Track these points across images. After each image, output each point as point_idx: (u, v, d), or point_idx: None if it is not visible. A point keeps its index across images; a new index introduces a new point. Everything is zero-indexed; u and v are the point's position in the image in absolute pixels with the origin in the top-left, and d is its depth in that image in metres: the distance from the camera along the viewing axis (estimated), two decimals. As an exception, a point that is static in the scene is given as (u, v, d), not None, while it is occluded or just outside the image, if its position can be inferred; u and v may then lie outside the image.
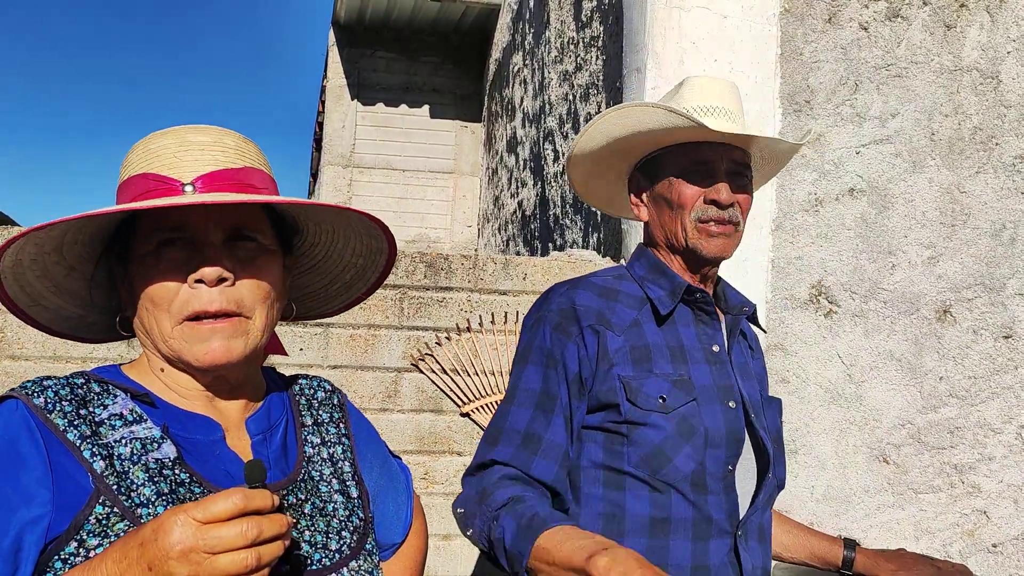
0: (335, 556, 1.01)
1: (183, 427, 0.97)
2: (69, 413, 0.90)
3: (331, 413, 1.16)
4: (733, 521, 1.42)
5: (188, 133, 0.99)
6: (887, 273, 2.51)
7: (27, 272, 0.97)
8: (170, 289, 0.95)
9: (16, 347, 2.29)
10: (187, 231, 0.96)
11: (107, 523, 0.86)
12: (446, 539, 2.59)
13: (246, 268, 0.97)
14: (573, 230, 3.60)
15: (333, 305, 1.22)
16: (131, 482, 0.89)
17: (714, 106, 1.47)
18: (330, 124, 7.32)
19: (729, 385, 1.48)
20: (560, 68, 4.00)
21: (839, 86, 2.52)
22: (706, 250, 1.47)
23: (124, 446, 0.91)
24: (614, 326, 1.44)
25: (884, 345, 2.50)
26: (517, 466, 1.37)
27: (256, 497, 0.80)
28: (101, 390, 0.95)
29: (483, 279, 2.62)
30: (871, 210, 2.51)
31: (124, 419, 0.93)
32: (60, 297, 1.03)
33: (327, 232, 1.12)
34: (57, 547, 0.85)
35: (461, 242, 7.33)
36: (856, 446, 2.49)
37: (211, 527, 0.77)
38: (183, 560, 0.77)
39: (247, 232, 0.99)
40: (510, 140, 5.62)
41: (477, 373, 2.59)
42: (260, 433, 1.04)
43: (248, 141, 1.04)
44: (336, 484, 1.08)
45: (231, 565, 0.77)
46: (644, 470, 1.38)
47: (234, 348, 0.96)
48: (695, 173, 1.47)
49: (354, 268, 1.16)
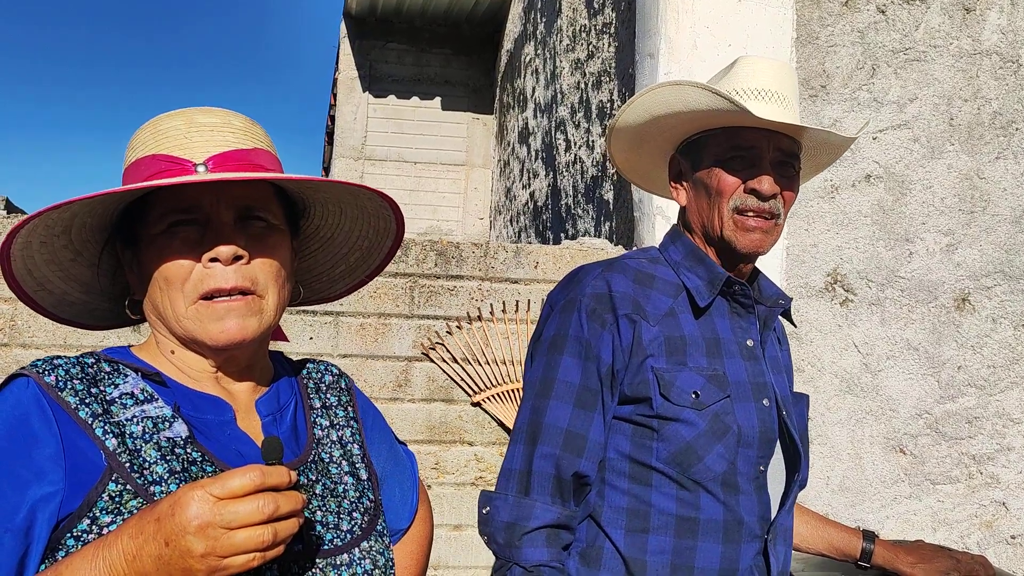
0: (347, 536, 1.00)
1: (194, 407, 0.97)
2: (80, 391, 0.90)
3: (339, 397, 1.15)
4: (764, 524, 1.37)
5: (196, 115, 0.99)
6: (904, 261, 2.47)
7: (36, 255, 0.97)
8: (184, 268, 0.94)
9: (27, 335, 2.29)
10: (199, 211, 0.96)
11: (120, 500, 0.86)
12: (457, 529, 2.58)
13: (258, 247, 0.97)
14: (585, 219, 3.57)
15: (336, 289, 1.20)
16: (143, 460, 0.89)
17: (765, 89, 1.39)
18: (342, 117, 7.32)
19: (763, 382, 1.42)
20: (572, 56, 3.97)
21: (856, 70, 2.48)
22: (740, 244, 1.39)
23: (136, 424, 0.91)
24: (649, 315, 1.37)
25: (901, 334, 2.46)
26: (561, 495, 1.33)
27: (273, 474, 0.80)
28: (112, 369, 0.95)
29: (494, 267, 2.59)
30: (888, 197, 2.48)
31: (135, 398, 0.93)
32: (66, 282, 1.03)
33: (334, 213, 1.11)
34: (70, 524, 0.85)
35: (473, 234, 7.32)
36: (872, 436, 2.46)
37: (228, 503, 0.77)
38: (200, 535, 0.77)
39: (258, 212, 0.98)
40: (522, 131, 5.59)
41: (488, 362, 2.57)
42: (270, 414, 1.04)
43: (255, 123, 1.03)
44: (346, 466, 1.07)
45: (247, 541, 0.78)
46: (673, 467, 1.33)
47: (248, 326, 0.96)
48: (738, 160, 1.39)
49: (359, 251, 1.15)
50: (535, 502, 1.33)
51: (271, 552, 0.80)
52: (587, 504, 1.38)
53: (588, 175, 3.56)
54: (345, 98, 7.35)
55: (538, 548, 1.31)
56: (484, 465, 2.58)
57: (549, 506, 1.33)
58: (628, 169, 1.66)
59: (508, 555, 1.31)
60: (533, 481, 1.34)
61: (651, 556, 1.33)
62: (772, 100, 1.39)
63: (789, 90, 1.42)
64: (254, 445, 0.98)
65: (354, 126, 7.34)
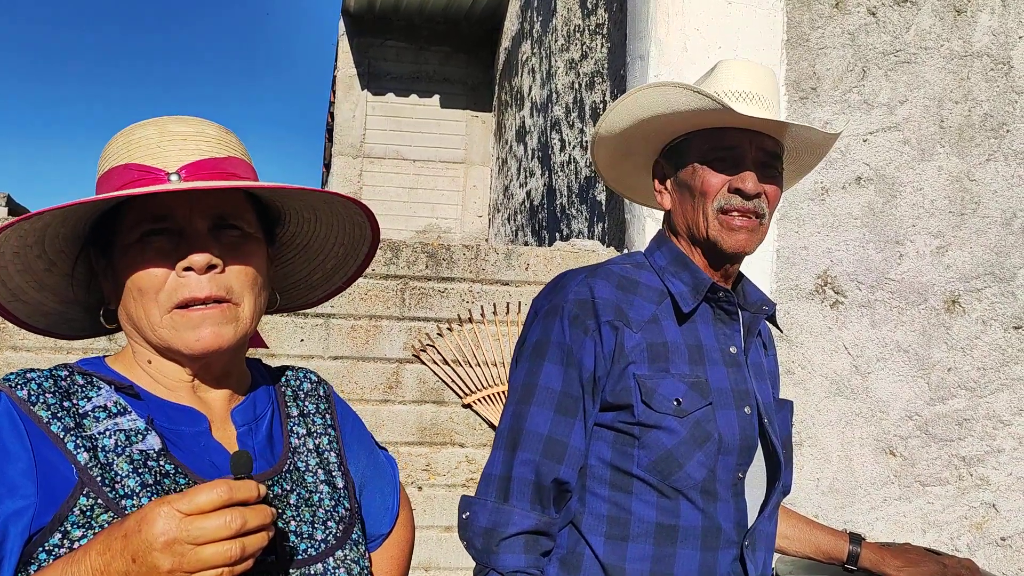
0: (321, 546, 1.00)
1: (168, 419, 0.97)
2: (53, 405, 0.90)
3: (317, 404, 1.15)
4: (741, 530, 1.37)
5: (169, 124, 0.99)
6: (894, 263, 2.47)
7: (8, 266, 0.97)
8: (158, 278, 0.94)
9: (17, 338, 2.30)
10: (172, 220, 0.96)
11: (91, 515, 0.86)
12: (448, 530, 2.59)
13: (233, 255, 0.97)
14: (579, 220, 3.57)
15: (314, 295, 1.20)
16: (115, 474, 0.89)
17: (746, 91, 1.39)
18: (340, 114, 7.31)
19: (745, 390, 1.41)
20: (567, 56, 3.97)
21: (846, 72, 2.48)
22: (726, 243, 1.39)
23: (108, 438, 0.91)
24: (632, 322, 1.37)
25: (891, 336, 2.46)
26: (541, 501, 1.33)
27: (241, 488, 0.80)
28: (85, 382, 0.95)
29: (485, 269, 2.60)
30: (878, 199, 2.47)
31: (108, 411, 0.93)
32: (40, 292, 1.02)
33: (309, 220, 1.11)
34: (42, 538, 0.85)
35: (471, 232, 7.32)
36: (862, 438, 2.46)
37: (195, 518, 0.77)
38: (167, 551, 0.77)
39: (231, 220, 0.98)
40: (519, 129, 5.59)
41: (479, 364, 2.57)
42: (245, 424, 1.04)
43: (229, 132, 1.03)
44: (322, 475, 1.07)
45: (215, 556, 0.77)
46: (653, 475, 1.33)
47: (224, 334, 0.96)
48: (721, 160, 1.39)
49: (335, 257, 1.15)
50: (514, 508, 1.33)
51: (239, 567, 0.79)
52: (568, 511, 1.38)
53: (582, 175, 3.56)
54: (344, 96, 7.34)
55: (516, 554, 1.31)
56: (475, 467, 2.58)
57: (528, 512, 1.33)
58: (613, 179, 1.66)
59: (486, 560, 1.32)
60: (512, 487, 1.34)
61: (631, 563, 1.34)
62: (753, 101, 1.39)
63: (769, 92, 1.42)
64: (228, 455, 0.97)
65: (353, 123, 7.33)
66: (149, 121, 1.00)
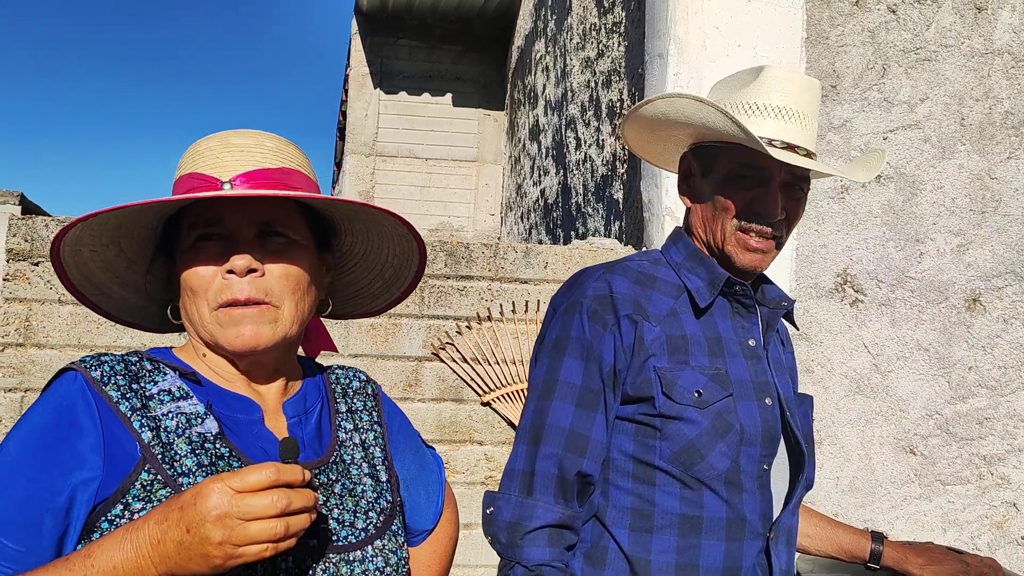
0: (361, 534, 1.06)
1: (225, 406, 1.03)
2: (122, 386, 0.97)
3: (364, 402, 1.21)
4: (766, 522, 1.37)
5: (231, 136, 1.06)
6: (915, 261, 2.46)
7: (89, 263, 1.07)
8: (206, 278, 1.02)
9: (42, 336, 2.32)
10: (223, 226, 1.03)
11: (151, 489, 0.93)
12: (467, 528, 2.59)
13: (275, 260, 1.03)
14: (595, 218, 3.57)
15: (378, 303, 1.27)
16: (175, 453, 0.96)
17: (785, 108, 1.37)
18: (353, 113, 7.33)
19: (765, 381, 1.42)
20: (582, 55, 3.97)
21: (866, 70, 2.47)
22: (739, 261, 1.40)
23: (170, 419, 0.98)
24: (651, 316, 1.38)
25: (911, 335, 2.46)
26: (564, 495, 1.34)
27: (287, 471, 0.86)
28: (152, 368, 1.02)
29: (504, 268, 2.60)
30: (899, 197, 2.47)
31: (172, 395, 1.00)
32: (123, 289, 1.12)
33: (361, 232, 1.17)
34: (104, 509, 0.92)
35: (484, 231, 7.32)
36: (882, 437, 2.46)
37: (245, 496, 0.84)
38: (218, 524, 0.83)
39: (278, 227, 1.04)
40: (532, 128, 5.59)
41: (498, 362, 2.58)
42: (296, 416, 1.10)
43: (290, 144, 1.10)
44: (366, 468, 1.13)
45: (260, 532, 0.84)
46: (676, 466, 1.34)
47: (262, 333, 1.02)
48: (748, 178, 1.39)
49: (392, 267, 1.21)
50: (537, 502, 1.34)
51: (283, 544, 0.86)
52: (591, 504, 1.39)
53: (598, 174, 3.56)
54: (356, 94, 7.36)
55: (540, 547, 1.32)
56: (494, 464, 2.59)
57: (551, 506, 1.34)
58: (643, 150, 1.65)
59: (511, 554, 1.33)
60: (536, 481, 1.35)
61: (655, 555, 1.34)
62: (791, 120, 1.38)
63: (810, 108, 1.41)
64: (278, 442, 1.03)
65: (365, 122, 7.35)
66: (215, 135, 1.08)
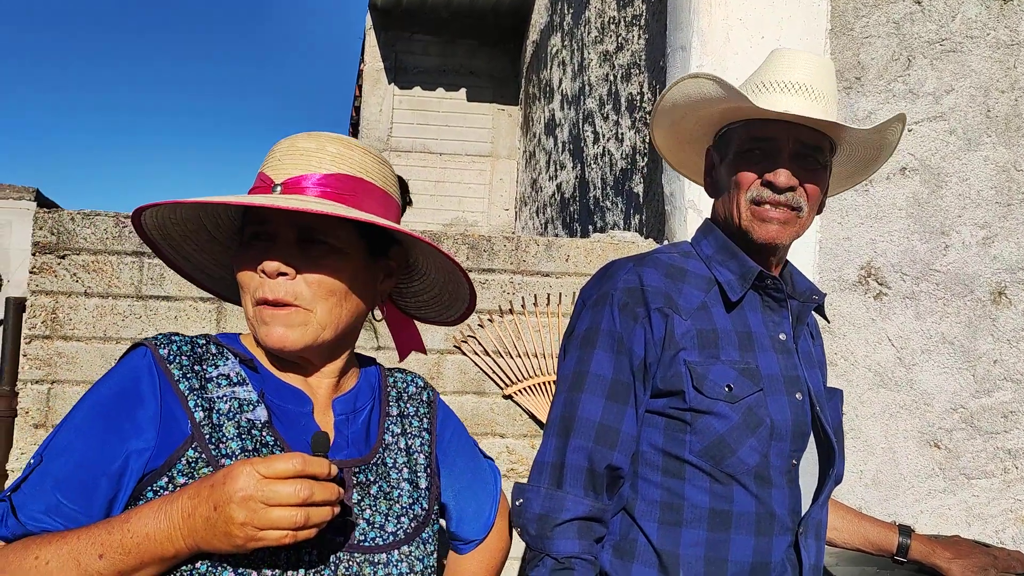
0: (389, 538, 1.06)
1: (278, 395, 1.07)
2: (185, 366, 1.02)
3: (417, 408, 1.22)
4: (795, 517, 1.37)
5: (300, 139, 1.08)
6: (940, 254, 2.45)
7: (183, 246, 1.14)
8: (247, 275, 1.06)
9: (68, 328, 2.34)
10: (269, 227, 1.06)
11: (195, 467, 0.97)
12: (489, 520, 2.60)
13: (311, 266, 1.04)
14: (614, 212, 3.56)
15: (451, 314, 1.28)
16: (222, 435, 0.99)
17: (794, 82, 1.37)
18: (367, 108, 7.33)
19: (796, 376, 1.41)
20: (600, 48, 3.96)
21: (891, 62, 2.45)
22: (756, 234, 1.39)
23: (224, 403, 1.01)
24: (681, 309, 1.38)
25: (936, 328, 2.44)
26: (594, 488, 1.34)
27: (314, 463, 0.89)
28: (217, 352, 1.06)
29: (525, 261, 2.60)
30: (924, 189, 2.45)
31: (230, 379, 1.04)
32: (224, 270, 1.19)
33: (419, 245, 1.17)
34: (152, 479, 0.96)
35: (498, 225, 7.32)
36: (906, 431, 2.44)
37: (271, 482, 0.87)
38: (242, 505, 0.87)
39: (318, 234, 1.06)
40: (548, 122, 5.58)
41: (520, 355, 2.58)
42: (344, 414, 1.12)
43: (356, 148, 1.10)
44: (407, 473, 1.14)
45: (281, 518, 0.87)
46: (706, 460, 1.33)
47: (289, 335, 1.03)
48: (756, 152, 1.39)
49: (455, 281, 1.22)
50: (567, 494, 1.34)
51: (302, 533, 0.89)
52: (620, 497, 1.39)
53: (617, 168, 3.55)
54: (371, 90, 7.36)
55: (570, 540, 1.32)
56: (516, 457, 2.59)
57: (581, 499, 1.34)
58: (678, 163, 1.67)
59: (540, 546, 1.33)
60: (566, 474, 1.35)
61: (684, 549, 1.34)
62: (800, 93, 1.37)
63: (822, 84, 1.40)
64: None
65: (380, 118, 7.35)
66: (293, 136, 1.10)
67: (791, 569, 1.37)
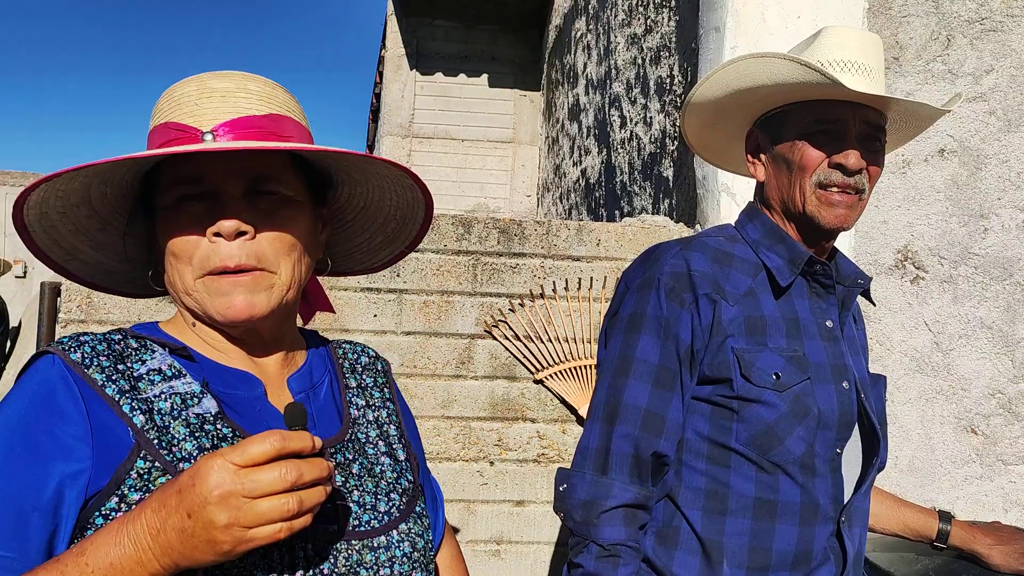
0: (384, 518, 0.97)
1: (223, 382, 0.94)
2: (107, 368, 0.88)
3: (375, 378, 1.13)
4: (837, 506, 1.36)
5: (210, 80, 0.94)
6: (979, 237, 2.41)
7: (58, 226, 0.95)
8: (190, 243, 0.91)
9: (102, 312, 2.35)
10: (206, 183, 0.92)
11: (148, 478, 0.84)
12: (519, 504, 2.60)
13: (268, 221, 0.93)
14: (642, 197, 3.54)
15: (380, 258, 1.16)
16: (172, 437, 0.87)
17: (852, 61, 1.34)
18: (388, 94, 7.32)
19: (843, 364, 1.39)
20: (628, 31, 3.92)
21: (930, 41, 2.41)
22: (824, 219, 1.36)
23: (164, 401, 0.88)
24: (728, 295, 1.35)
25: (974, 312, 2.41)
26: (639, 475, 1.33)
27: (294, 438, 0.77)
28: (139, 345, 0.92)
29: (556, 245, 2.59)
30: (962, 171, 2.41)
31: (163, 374, 0.91)
32: (98, 252, 1.00)
33: (360, 183, 1.06)
34: (98, 502, 0.83)
35: (520, 211, 7.31)
36: (943, 416, 2.41)
37: (249, 471, 0.75)
38: (222, 505, 0.74)
39: (268, 184, 0.94)
40: (572, 107, 5.55)
41: (551, 340, 2.57)
42: (303, 392, 1.01)
43: (276, 86, 0.98)
44: (383, 446, 1.04)
45: (272, 510, 0.75)
46: (753, 450, 1.32)
47: (257, 303, 0.92)
48: (823, 134, 1.35)
49: (395, 220, 1.11)
50: (613, 481, 1.33)
51: (297, 522, 0.77)
52: (664, 484, 1.37)
53: (645, 152, 3.52)
54: (392, 76, 7.35)
55: (616, 527, 1.31)
56: (546, 442, 2.59)
57: (627, 486, 1.32)
58: (701, 146, 1.64)
59: (585, 532, 1.32)
60: (611, 460, 1.33)
61: (729, 538, 1.33)
62: (859, 72, 1.34)
63: (875, 62, 1.37)
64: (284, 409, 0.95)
65: (401, 104, 7.35)
66: (192, 78, 0.95)
67: (833, 557, 1.36)
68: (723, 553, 1.32)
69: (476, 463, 2.55)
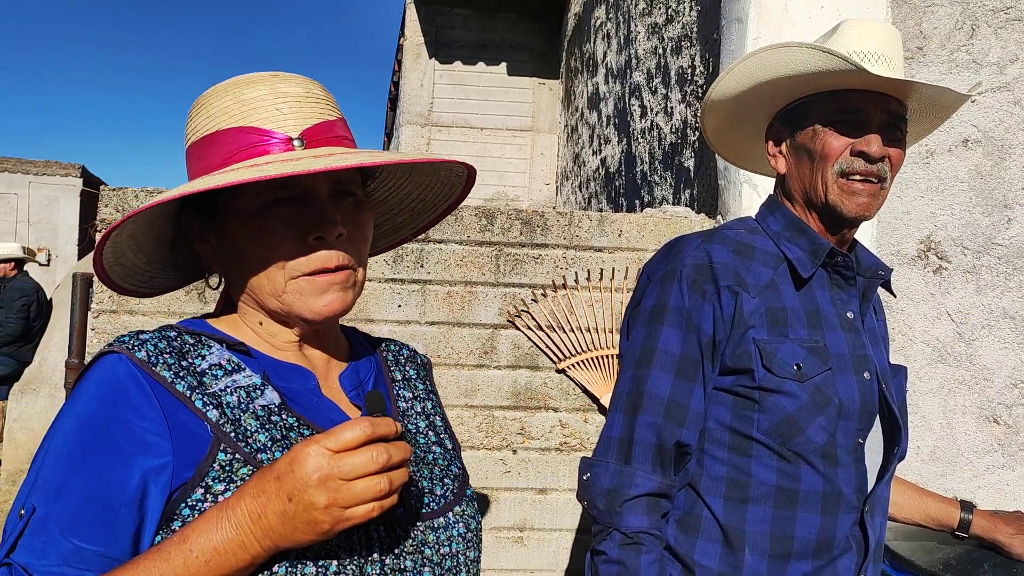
0: (441, 501, 1.02)
1: (279, 376, 0.97)
2: (172, 365, 0.90)
3: (417, 371, 1.17)
4: (860, 496, 1.37)
5: (279, 83, 0.96)
6: (1002, 227, 2.40)
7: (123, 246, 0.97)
8: (285, 247, 0.94)
9: (134, 302, 2.40)
10: (296, 187, 0.94)
11: (231, 469, 0.87)
12: (542, 492, 2.63)
13: (351, 222, 0.97)
14: (663, 187, 3.54)
15: (399, 235, 1.20)
16: (245, 429, 0.90)
17: (873, 52, 1.35)
18: (407, 83, 7.34)
19: (864, 355, 1.41)
20: (648, 21, 3.92)
21: (954, 31, 2.40)
22: (846, 208, 1.37)
23: (230, 395, 0.91)
24: (750, 286, 1.37)
25: (998, 303, 2.40)
26: (662, 464, 1.35)
27: (381, 424, 0.82)
28: (195, 342, 0.95)
29: (578, 236, 2.61)
30: (986, 161, 2.40)
31: (224, 369, 0.93)
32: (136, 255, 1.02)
33: (399, 178, 1.11)
34: (183, 495, 0.86)
35: (539, 200, 7.31)
36: (965, 406, 2.42)
37: (344, 455, 0.80)
38: (322, 487, 0.79)
39: (348, 186, 0.98)
40: (591, 96, 5.54)
41: (573, 330, 2.59)
42: (353, 389, 1.05)
43: (327, 90, 1.02)
44: (432, 436, 1.09)
45: (366, 490, 0.80)
46: (774, 439, 1.33)
47: (347, 299, 0.97)
48: (845, 123, 1.36)
49: (421, 201, 1.15)
50: (636, 470, 1.35)
51: (387, 501, 0.82)
52: (686, 473, 1.40)
53: (666, 142, 3.52)
54: (411, 64, 7.36)
55: (638, 515, 1.33)
56: (569, 431, 2.62)
57: (650, 475, 1.35)
58: (720, 144, 1.65)
59: (608, 521, 1.34)
60: (634, 449, 1.36)
61: (750, 526, 1.35)
62: (880, 62, 1.35)
63: (895, 53, 1.38)
64: (342, 412, 1.00)
65: (420, 92, 7.36)
66: (255, 78, 0.97)
67: (855, 545, 1.38)
68: (744, 540, 1.35)
69: (499, 451, 2.59)
